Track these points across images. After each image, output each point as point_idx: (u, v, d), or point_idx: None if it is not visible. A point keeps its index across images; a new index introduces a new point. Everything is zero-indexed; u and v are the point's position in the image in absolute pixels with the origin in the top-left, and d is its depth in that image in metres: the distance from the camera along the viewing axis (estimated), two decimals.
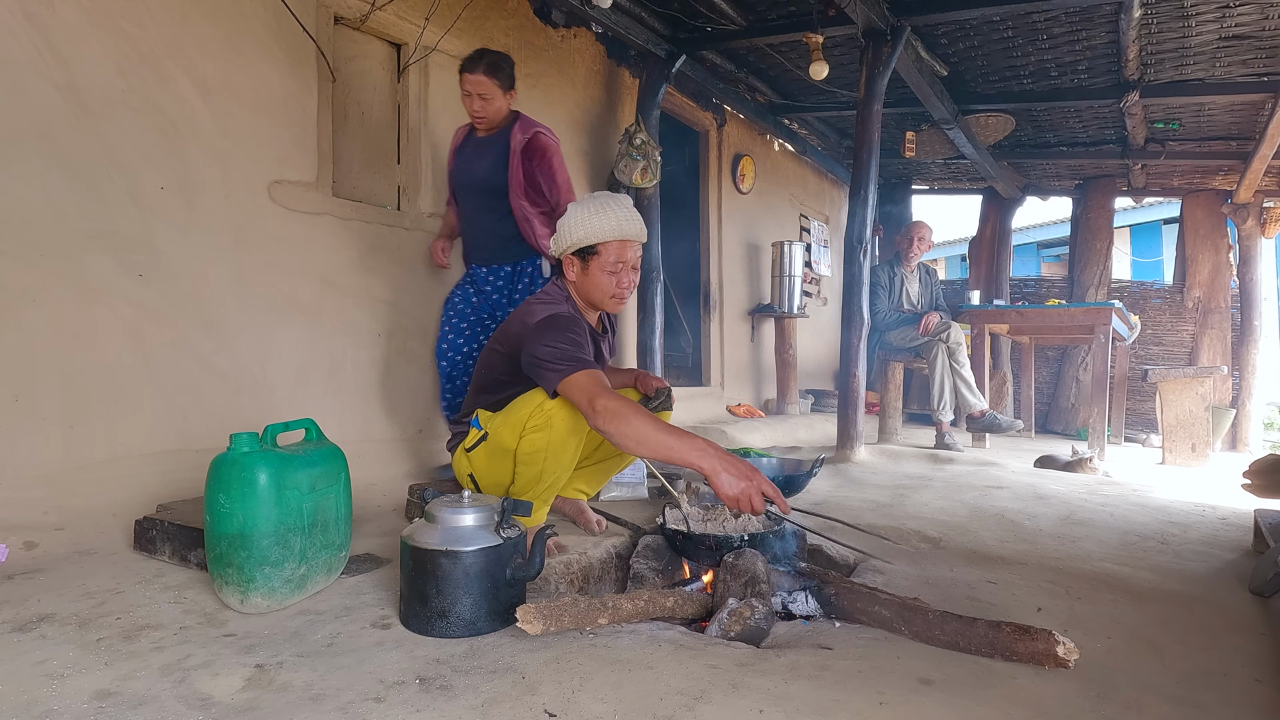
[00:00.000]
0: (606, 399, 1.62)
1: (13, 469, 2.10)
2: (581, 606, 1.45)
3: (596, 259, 1.91)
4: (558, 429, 1.80)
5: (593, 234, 1.90)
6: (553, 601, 1.44)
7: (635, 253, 1.95)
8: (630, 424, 1.58)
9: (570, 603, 1.45)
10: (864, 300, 4.01)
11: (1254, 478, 2.62)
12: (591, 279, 1.93)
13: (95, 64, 2.30)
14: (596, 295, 1.96)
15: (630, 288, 1.97)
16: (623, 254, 1.91)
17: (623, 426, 1.58)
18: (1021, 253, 12.91)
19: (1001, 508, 2.85)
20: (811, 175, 7.41)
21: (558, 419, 1.80)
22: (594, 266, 1.92)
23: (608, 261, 1.91)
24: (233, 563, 1.54)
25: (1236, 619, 1.69)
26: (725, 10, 4.10)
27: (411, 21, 3.30)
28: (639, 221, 1.95)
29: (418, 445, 3.27)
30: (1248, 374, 6.47)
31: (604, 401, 1.62)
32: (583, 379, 1.69)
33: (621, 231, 1.90)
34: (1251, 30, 3.97)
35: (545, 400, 1.81)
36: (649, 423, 1.58)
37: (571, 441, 1.84)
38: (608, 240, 1.90)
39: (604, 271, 1.92)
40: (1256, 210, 6.45)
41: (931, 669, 1.33)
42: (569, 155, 4.39)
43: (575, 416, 1.79)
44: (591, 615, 1.46)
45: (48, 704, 1.18)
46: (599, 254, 1.91)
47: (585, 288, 1.96)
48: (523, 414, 1.84)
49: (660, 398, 2.19)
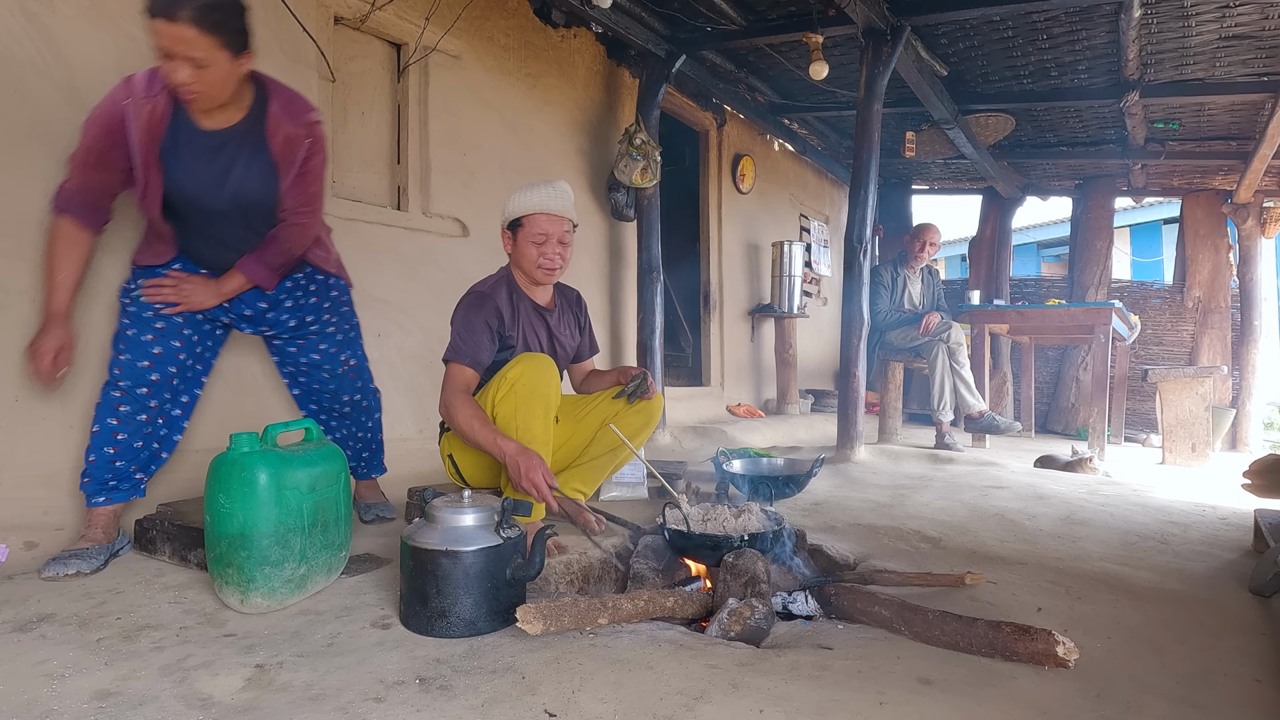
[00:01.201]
0: (451, 395, 1.98)
1: (13, 469, 2.10)
2: (582, 606, 1.46)
3: (522, 230, 2.15)
4: (520, 393, 1.97)
5: (520, 208, 2.15)
6: (553, 601, 1.45)
7: (560, 227, 2.16)
8: (458, 416, 1.94)
9: (570, 603, 1.45)
10: (864, 300, 4.00)
11: (1254, 478, 2.62)
12: (520, 249, 2.18)
13: (95, 64, 2.30)
14: (526, 264, 2.18)
15: (558, 260, 2.18)
16: (545, 226, 2.14)
17: (454, 417, 1.95)
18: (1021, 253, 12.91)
19: (1001, 508, 2.85)
20: (811, 175, 7.41)
21: (520, 384, 1.97)
22: (521, 238, 2.16)
23: (532, 233, 2.14)
24: (233, 563, 1.54)
25: (1236, 619, 1.69)
26: (725, 10, 4.10)
27: (411, 21, 3.30)
28: (563, 200, 2.17)
29: (417, 445, 3.26)
30: (1248, 374, 6.47)
31: (447, 395, 1.99)
32: (454, 373, 2.03)
33: (544, 206, 2.14)
34: (1251, 30, 3.97)
35: (504, 370, 2.01)
36: (473, 419, 1.91)
37: (537, 403, 1.98)
38: (531, 213, 2.14)
39: (529, 242, 2.15)
40: (1256, 210, 6.45)
41: (931, 669, 1.33)
42: (568, 155, 4.41)
43: (534, 380, 1.98)
44: (592, 615, 1.46)
45: (48, 704, 1.18)
46: (524, 226, 2.15)
47: (517, 258, 2.20)
48: (489, 392, 2.03)
49: (634, 383, 2.28)
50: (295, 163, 1.94)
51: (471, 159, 3.64)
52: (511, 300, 2.17)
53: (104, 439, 1.95)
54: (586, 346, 2.49)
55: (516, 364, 1.99)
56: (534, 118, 4.07)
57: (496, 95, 3.81)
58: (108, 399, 1.96)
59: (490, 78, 3.77)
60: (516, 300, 2.19)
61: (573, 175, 4.40)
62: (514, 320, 2.16)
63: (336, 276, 2.31)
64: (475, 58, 3.68)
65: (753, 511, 2.00)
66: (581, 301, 2.48)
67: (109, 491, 1.96)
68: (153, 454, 2.05)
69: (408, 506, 2.37)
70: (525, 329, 2.20)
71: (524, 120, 4.00)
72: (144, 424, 1.99)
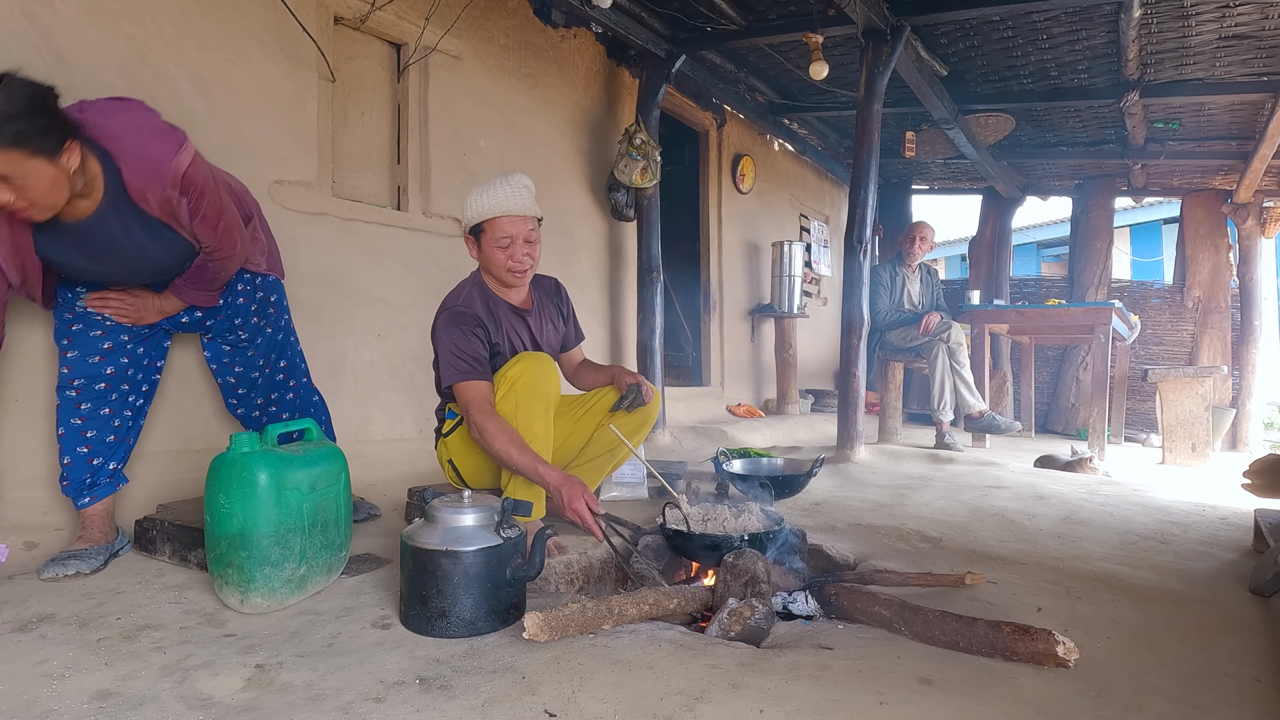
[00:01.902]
0: (481, 418, 1.89)
1: (13, 469, 2.10)
2: (588, 614, 1.46)
3: (485, 236, 2.05)
4: (521, 392, 1.93)
5: (479, 212, 2.03)
6: (558, 610, 1.44)
7: (525, 227, 2.05)
8: (495, 444, 1.86)
9: (577, 610, 1.45)
10: (864, 300, 4.00)
11: (1254, 477, 2.62)
12: (486, 255, 2.07)
13: (95, 64, 2.30)
14: (495, 269, 2.08)
15: (526, 261, 2.07)
16: (508, 229, 2.02)
17: (491, 445, 1.86)
18: (1021, 253, 12.91)
19: (1001, 507, 2.85)
20: (811, 175, 7.41)
21: (520, 383, 1.93)
22: (485, 243, 2.06)
23: (496, 237, 2.03)
24: (233, 563, 1.54)
25: (1236, 619, 1.69)
26: (725, 10, 4.10)
27: (411, 21, 3.30)
28: (523, 197, 2.04)
29: (417, 445, 3.26)
30: (1248, 374, 6.47)
31: (477, 419, 1.89)
32: (470, 392, 1.93)
33: (503, 207, 2.01)
34: (1251, 30, 3.97)
35: (504, 370, 1.97)
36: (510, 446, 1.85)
37: (538, 401, 1.95)
38: (492, 216, 2.02)
39: (494, 247, 2.04)
40: (1256, 210, 6.45)
41: (931, 669, 1.33)
42: (568, 155, 4.41)
43: (535, 378, 1.94)
44: (597, 621, 1.47)
45: (48, 704, 1.18)
46: (486, 231, 2.04)
47: (485, 263, 2.11)
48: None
49: (630, 396, 2.18)
50: (183, 217, 1.78)
51: (471, 159, 3.64)
52: (489, 307, 2.09)
53: (73, 440, 1.92)
54: (573, 335, 2.39)
55: (517, 363, 1.97)
56: (534, 118, 4.07)
57: (496, 95, 3.81)
58: (65, 400, 1.91)
59: (490, 78, 3.77)
60: (493, 306, 2.11)
61: (573, 175, 4.40)
62: (497, 328, 2.09)
63: (265, 275, 2.21)
64: (475, 58, 3.68)
65: (753, 511, 2.00)
66: (561, 289, 2.37)
67: (90, 490, 1.95)
68: (125, 444, 2.02)
69: (407, 506, 2.37)
70: (508, 333, 2.12)
71: (524, 120, 4.00)
72: (110, 417, 1.96)
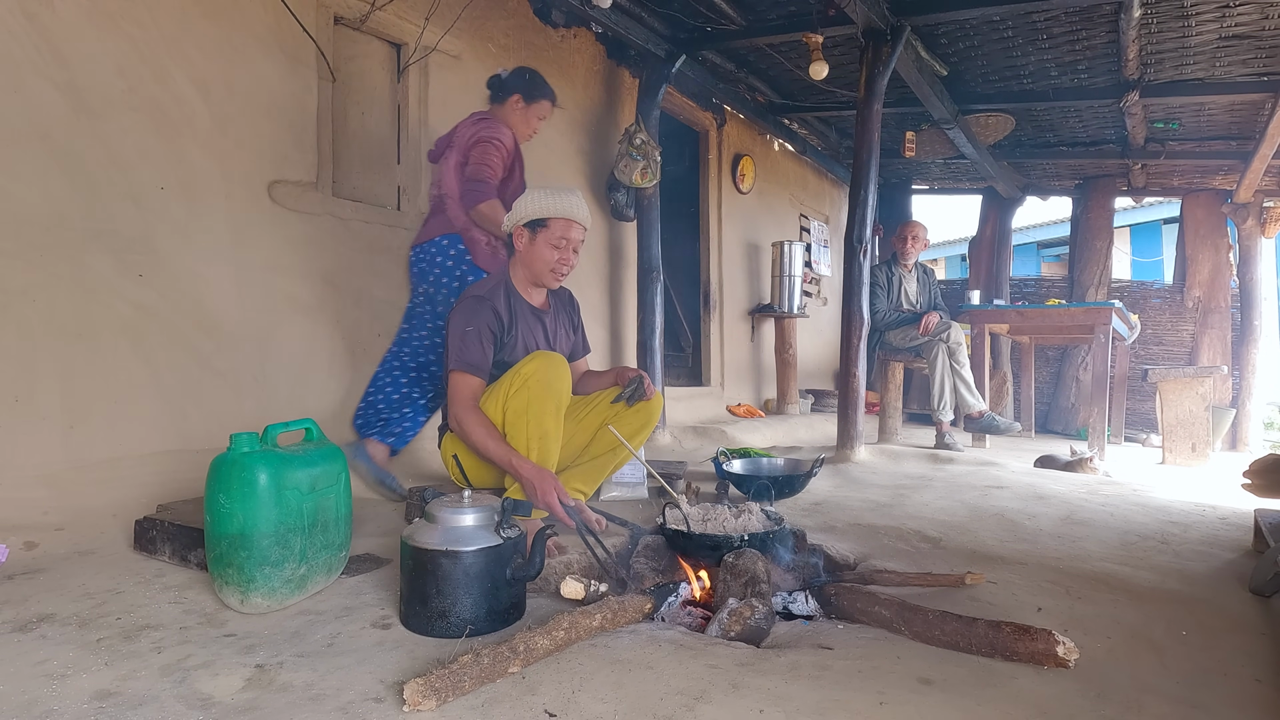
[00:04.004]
0: (462, 410, 2.02)
1: (13, 469, 2.10)
2: (484, 663, 1.24)
3: (545, 231, 2.16)
4: (534, 388, 1.99)
5: (545, 209, 2.16)
6: (446, 668, 1.21)
7: (579, 235, 2.20)
8: (472, 435, 1.99)
9: (469, 661, 1.23)
10: (864, 300, 4.00)
11: (1254, 477, 2.62)
12: (535, 249, 2.18)
13: (95, 64, 2.30)
14: (538, 266, 2.19)
15: (570, 266, 2.20)
16: (567, 232, 2.17)
17: (468, 435, 2.00)
18: (1021, 253, 12.90)
19: (1001, 507, 2.85)
20: (811, 175, 7.41)
21: (534, 380, 2.00)
22: (541, 238, 2.17)
23: (554, 235, 2.16)
24: (233, 563, 1.54)
25: (1236, 619, 1.69)
26: (725, 10, 4.10)
27: (411, 21, 3.30)
28: (585, 210, 2.21)
29: (416, 445, 3.26)
30: (1248, 374, 6.47)
31: (458, 411, 2.03)
32: (460, 384, 2.05)
33: (571, 212, 2.17)
34: (1251, 30, 3.97)
35: (518, 366, 2.05)
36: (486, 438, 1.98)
37: (549, 399, 2.01)
38: (559, 216, 2.15)
39: (549, 244, 2.16)
40: (1256, 210, 6.45)
41: (931, 669, 1.33)
42: (568, 155, 4.41)
43: (548, 376, 2.01)
44: (499, 667, 1.26)
45: (48, 704, 1.18)
46: (548, 227, 2.16)
47: (529, 258, 2.20)
48: (502, 388, 2.06)
49: (631, 387, 2.28)
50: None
51: None
52: (509, 303, 2.18)
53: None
54: (580, 345, 2.49)
55: (530, 360, 2.02)
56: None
57: None
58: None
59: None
60: (514, 303, 2.20)
61: (573, 175, 4.40)
62: (512, 323, 2.18)
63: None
64: (475, 58, 3.67)
65: (753, 511, 2.00)
66: (574, 301, 2.48)
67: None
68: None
69: (408, 506, 2.37)
70: (523, 331, 2.21)
71: None
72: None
